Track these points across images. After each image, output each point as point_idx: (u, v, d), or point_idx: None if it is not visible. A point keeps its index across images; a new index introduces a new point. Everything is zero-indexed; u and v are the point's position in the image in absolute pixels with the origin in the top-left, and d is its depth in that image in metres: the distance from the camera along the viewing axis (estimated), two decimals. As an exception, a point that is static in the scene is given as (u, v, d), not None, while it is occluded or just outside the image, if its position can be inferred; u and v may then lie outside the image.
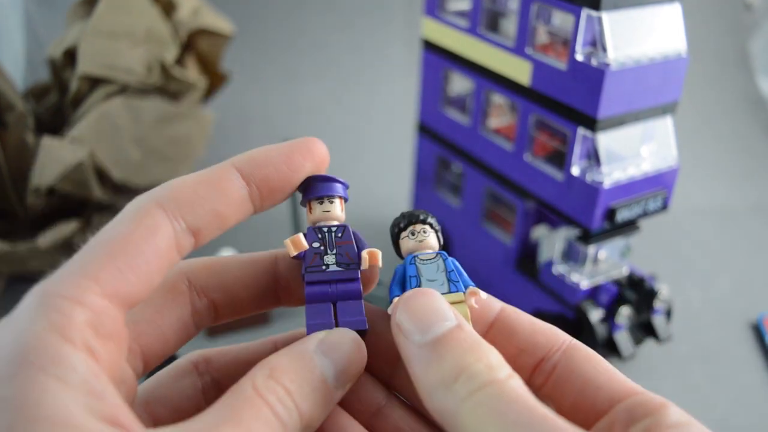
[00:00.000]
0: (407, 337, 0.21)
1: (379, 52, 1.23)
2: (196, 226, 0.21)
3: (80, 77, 0.76)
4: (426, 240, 0.26)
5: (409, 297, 0.22)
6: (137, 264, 0.19)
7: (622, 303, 0.61)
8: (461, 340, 0.21)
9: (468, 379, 0.19)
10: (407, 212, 0.27)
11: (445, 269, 0.25)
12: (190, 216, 0.21)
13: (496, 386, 0.19)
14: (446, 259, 0.25)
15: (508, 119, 0.69)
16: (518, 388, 0.19)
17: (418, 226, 0.26)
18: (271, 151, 0.23)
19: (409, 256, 0.26)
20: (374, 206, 0.92)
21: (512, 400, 0.19)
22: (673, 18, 0.57)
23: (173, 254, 0.21)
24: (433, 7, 0.69)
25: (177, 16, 0.83)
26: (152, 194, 0.21)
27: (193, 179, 0.22)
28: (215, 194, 0.21)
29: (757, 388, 0.66)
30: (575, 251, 0.62)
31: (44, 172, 0.68)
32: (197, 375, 0.25)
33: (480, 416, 0.19)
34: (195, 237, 0.21)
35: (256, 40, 1.22)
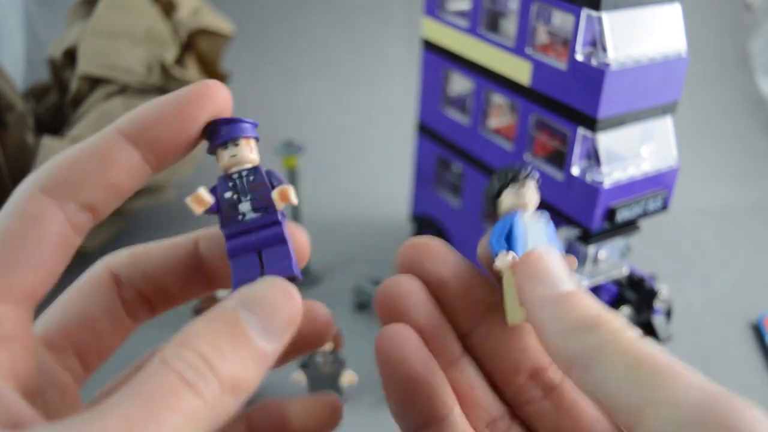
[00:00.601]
0: (538, 284, 0.22)
1: (379, 52, 1.23)
2: (89, 203, 0.20)
3: (80, 77, 0.76)
4: (532, 198, 0.25)
5: (541, 253, 0.23)
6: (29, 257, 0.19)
7: (622, 303, 0.61)
8: (591, 300, 0.22)
9: (612, 328, 0.20)
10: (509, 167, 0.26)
11: (546, 233, 0.25)
12: (80, 194, 0.20)
13: (636, 341, 0.20)
14: (549, 222, 0.25)
15: (508, 119, 0.69)
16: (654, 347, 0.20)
17: (527, 182, 0.25)
18: (158, 106, 0.21)
19: (517, 213, 0.25)
20: (374, 206, 0.92)
21: (655, 352, 0.20)
22: (673, 18, 0.57)
23: (69, 236, 0.20)
24: (433, 7, 0.69)
25: (177, 16, 0.83)
26: (35, 178, 0.20)
27: (76, 154, 0.20)
28: (103, 167, 0.20)
29: (757, 388, 0.66)
30: (575, 251, 0.62)
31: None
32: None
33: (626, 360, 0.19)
34: (91, 212, 0.20)
35: (256, 40, 1.22)
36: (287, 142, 0.71)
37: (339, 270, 0.79)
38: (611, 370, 0.19)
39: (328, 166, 1.00)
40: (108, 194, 0.20)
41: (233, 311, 0.19)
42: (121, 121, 0.21)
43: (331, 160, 1.02)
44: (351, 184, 0.97)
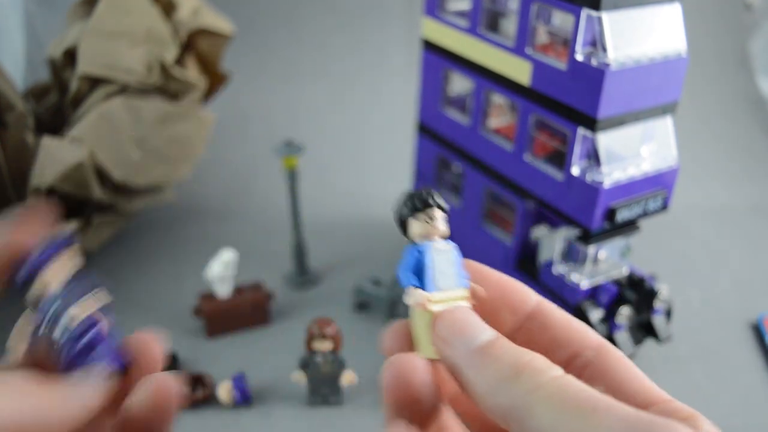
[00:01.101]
0: (453, 346, 0.22)
1: (379, 52, 1.23)
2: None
3: (80, 77, 0.76)
4: (440, 227, 0.25)
5: (448, 312, 0.23)
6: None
7: (622, 303, 0.61)
8: (509, 345, 0.22)
9: (534, 373, 0.20)
10: (419, 193, 0.25)
11: (454, 264, 0.25)
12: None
13: (562, 379, 0.20)
14: (457, 252, 0.25)
15: (508, 119, 0.69)
16: (580, 382, 0.20)
17: (434, 211, 0.25)
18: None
19: (426, 244, 0.25)
20: (374, 206, 0.92)
21: (582, 390, 0.20)
22: (673, 18, 0.57)
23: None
24: (433, 7, 0.69)
25: (177, 16, 0.83)
26: None
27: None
28: None
29: (757, 388, 0.66)
30: (575, 251, 0.62)
31: (44, 172, 0.68)
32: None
33: (554, 405, 0.19)
34: None
35: (256, 40, 1.22)
36: (287, 142, 0.71)
37: (339, 270, 0.79)
38: (541, 419, 0.19)
39: (328, 166, 1.00)
40: None
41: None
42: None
43: (331, 160, 1.02)
44: (351, 184, 0.97)
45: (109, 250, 0.82)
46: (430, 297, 0.24)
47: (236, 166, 1.00)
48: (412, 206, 0.25)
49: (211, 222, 0.88)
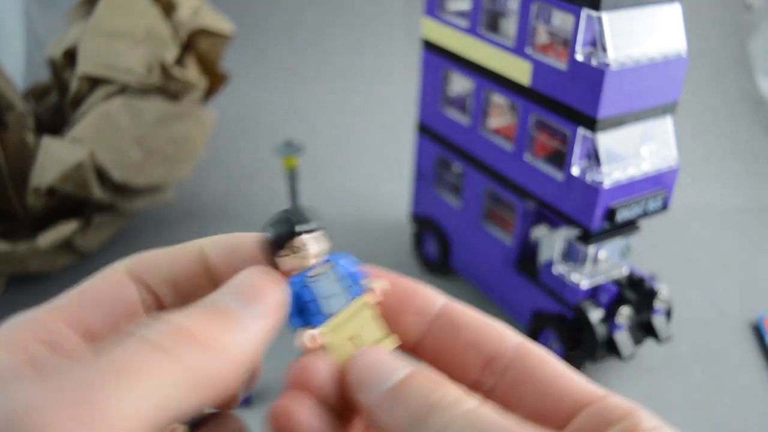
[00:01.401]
0: (365, 392, 0.21)
1: (379, 52, 1.23)
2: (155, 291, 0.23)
3: (80, 77, 0.76)
4: (309, 253, 0.22)
5: (356, 357, 0.22)
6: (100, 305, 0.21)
7: (622, 303, 0.61)
8: (422, 380, 0.21)
9: (442, 411, 0.19)
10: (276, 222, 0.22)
11: (338, 278, 0.23)
12: (150, 280, 0.23)
13: (473, 414, 0.19)
14: (336, 264, 0.23)
15: (508, 119, 0.69)
16: (493, 413, 0.19)
17: (297, 241, 0.22)
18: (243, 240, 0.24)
19: (296, 279, 0.22)
20: (374, 206, 0.92)
21: (493, 423, 0.19)
22: (673, 18, 0.57)
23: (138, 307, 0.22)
24: (433, 7, 0.69)
25: (177, 16, 0.83)
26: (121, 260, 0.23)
27: (158, 251, 0.23)
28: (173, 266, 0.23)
29: (757, 388, 0.66)
30: (575, 251, 0.62)
31: (44, 172, 0.68)
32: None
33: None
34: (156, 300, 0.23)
35: (257, 40, 1.22)
36: (287, 142, 0.71)
37: (339, 270, 0.79)
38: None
39: (328, 166, 1.00)
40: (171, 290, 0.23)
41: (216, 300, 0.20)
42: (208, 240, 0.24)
43: (331, 160, 1.02)
44: (351, 184, 0.97)
45: (109, 250, 0.82)
46: (315, 335, 0.22)
47: (236, 166, 1.00)
48: (271, 243, 0.22)
49: (211, 222, 0.88)
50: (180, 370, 0.18)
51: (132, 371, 0.17)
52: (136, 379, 0.17)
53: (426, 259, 0.80)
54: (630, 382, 0.65)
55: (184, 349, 0.18)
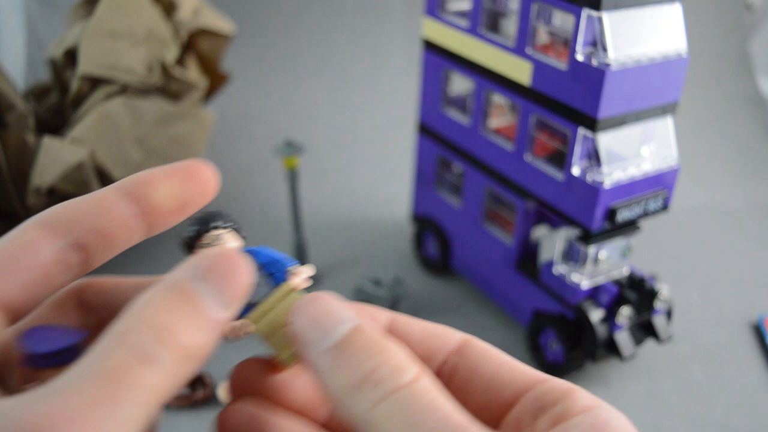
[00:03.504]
0: (307, 346, 0.21)
1: (379, 52, 1.23)
2: (80, 242, 0.21)
3: (81, 77, 0.76)
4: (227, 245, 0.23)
5: (300, 305, 0.21)
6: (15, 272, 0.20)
7: (623, 303, 0.61)
8: (363, 341, 0.20)
9: (375, 384, 0.19)
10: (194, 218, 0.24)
11: (259, 266, 0.23)
12: (73, 232, 0.21)
13: (405, 391, 0.19)
14: (255, 254, 0.23)
15: (508, 119, 0.69)
16: (428, 391, 0.19)
17: (206, 238, 0.23)
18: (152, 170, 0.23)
19: None
20: (374, 206, 0.92)
21: (424, 407, 0.19)
22: (674, 18, 0.57)
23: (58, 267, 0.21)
24: (434, 7, 0.69)
25: (177, 16, 0.83)
26: (37, 215, 0.22)
27: (77, 199, 0.22)
28: (97, 211, 0.22)
29: (757, 388, 0.66)
30: (575, 251, 0.62)
31: (45, 172, 0.68)
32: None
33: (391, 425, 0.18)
34: (82, 253, 0.22)
35: (257, 40, 1.22)
36: (287, 142, 0.71)
37: (339, 270, 0.79)
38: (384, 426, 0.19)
39: (328, 166, 1.00)
40: (97, 238, 0.22)
41: (186, 282, 0.19)
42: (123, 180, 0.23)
43: (331, 160, 1.02)
44: (351, 184, 0.97)
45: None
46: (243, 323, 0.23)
47: (236, 166, 1.00)
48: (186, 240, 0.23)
49: (211, 222, 0.88)
50: (167, 377, 0.18)
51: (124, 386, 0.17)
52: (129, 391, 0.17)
53: (426, 259, 0.80)
54: (630, 382, 0.65)
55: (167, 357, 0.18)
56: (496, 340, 0.69)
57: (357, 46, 1.23)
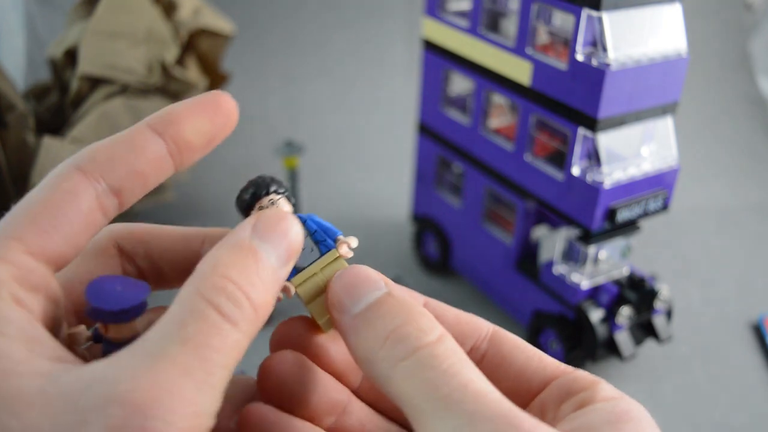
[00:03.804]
0: (341, 312, 0.22)
1: (379, 52, 1.23)
2: (117, 186, 0.21)
3: (80, 77, 0.76)
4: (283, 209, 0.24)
5: (337, 276, 0.23)
6: (59, 224, 0.20)
7: (623, 303, 0.61)
8: (392, 304, 0.21)
9: (396, 342, 0.20)
10: (247, 185, 0.24)
11: (308, 233, 0.24)
12: (109, 176, 0.21)
13: (427, 351, 0.19)
14: (305, 221, 0.24)
15: (508, 119, 0.69)
16: (451, 354, 0.19)
17: (264, 200, 0.24)
18: (179, 106, 0.23)
19: None
20: (374, 206, 0.92)
21: (444, 371, 0.19)
22: (674, 18, 0.57)
23: (97, 215, 0.21)
24: (434, 7, 0.69)
25: (177, 16, 0.83)
26: (71, 158, 0.21)
27: (110, 141, 0.22)
28: (132, 153, 0.22)
29: (757, 388, 0.66)
30: (575, 251, 0.62)
31: (45, 172, 0.68)
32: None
33: (411, 386, 0.19)
34: (117, 197, 0.22)
35: (257, 40, 1.22)
36: (287, 142, 0.71)
37: (339, 270, 0.79)
38: (405, 398, 0.19)
39: (328, 166, 1.00)
40: (134, 180, 0.22)
41: (249, 240, 0.20)
42: (150, 116, 0.23)
43: (331, 160, 1.02)
44: (351, 184, 0.97)
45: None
46: (287, 285, 0.23)
47: (236, 166, 1.00)
48: (244, 201, 0.24)
49: (211, 222, 0.88)
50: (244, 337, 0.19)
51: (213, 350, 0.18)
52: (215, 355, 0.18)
53: (426, 259, 0.80)
54: (630, 382, 0.65)
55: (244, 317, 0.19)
56: (496, 340, 0.69)
57: (357, 46, 1.23)
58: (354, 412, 0.24)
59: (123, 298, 0.21)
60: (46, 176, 0.21)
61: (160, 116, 0.23)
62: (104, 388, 0.17)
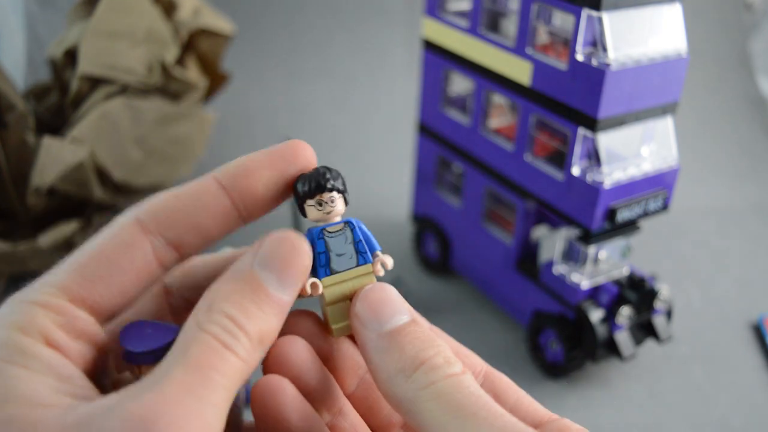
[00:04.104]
0: (366, 327, 0.23)
1: (379, 52, 1.23)
2: (177, 240, 0.22)
3: (80, 77, 0.76)
4: (334, 209, 0.24)
5: (367, 291, 0.23)
6: (108, 275, 0.21)
7: (623, 303, 0.61)
8: (419, 333, 0.22)
9: (429, 370, 0.21)
10: (312, 175, 0.24)
11: (353, 240, 0.24)
12: (169, 230, 0.22)
13: (455, 379, 0.21)
14: (354, 228, 0.25)
15: (508, 119, 0.69)
16: (473, 383, 0.21)
17: (325, 195, 0.24)
18: (252, 159, 0.23)
19: (315, 230, 0.24)
20: (374, 206, 0.92)
21: (470, 393, 0.20)
22: (674, 18, 0.57)
23: (153, 268, 0.22)
24: (434, 8, 0.69)
25: (177, 16, 0.84)
26: (132, 210, 0.22)
27: (172, 194, 0.22)
28: (193, 207, 0.22)
29: (757, 388, 0.66)
30: (575, 251, 0.62)
31: (45, 172, 0.68)
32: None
33: (439, 405, 0.20)
34: (177, 251, 0.22)
35: (257, 40, 1.22)
36: (287, 142, 0.71)
37: (339, 270, 0.79)
38: (425, 417, 0.20)
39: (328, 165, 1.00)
40: (195, 236, 0.22)
41: (251, 271, 0.21)
42: (218, 169, 0.23)
43: (331, 160, 1.02)
44: (351, 184, 0.96)
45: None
46: (317, 283, 0.24)
47: (236, 166, 1.00)
48: (304, 191, 0.24)
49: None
50: (245, 361, 0.20)
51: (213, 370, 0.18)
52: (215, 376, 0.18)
53: (426, 259, 0.80)
54: (630, 382, 0.65)
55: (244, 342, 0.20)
56: (496, 340, 0.69)
57: (357, 46, 1.23)
58: (349, 415, 0.25)
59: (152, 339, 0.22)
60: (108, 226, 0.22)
61: (231, 169, 0.23)
62: (115, 412, 0.17)
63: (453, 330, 0.80)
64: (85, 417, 0.17)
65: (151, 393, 0.18)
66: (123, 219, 0.22)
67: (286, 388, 0.22)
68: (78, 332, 0.20)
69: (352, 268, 0.24)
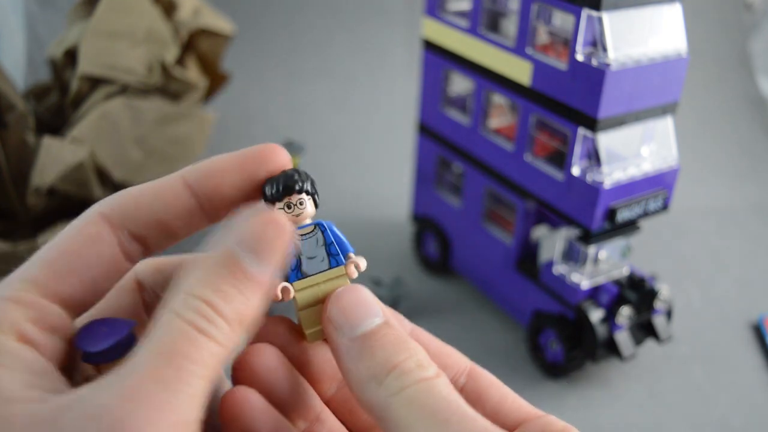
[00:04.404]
0: (338, 331, 0.22)
1: (379, 52, 1.23)
2: (140, 234, 0.22)
3: (80, 77, 0.76)
4: (303, 212, 0.24)
5: (339, 294, 0.23)
6: (77, 269, 0.21)
7: (623, 303, 0.61)
8: (391, 336, 0.22)
9: (399, 374, 0.20)
10: (280, 177, 0.23)
11: (324, 242, 0.24)
12: (133, 224, 0.22)
13: (427, 383, 0.20)
14: (325, 230, 0.24)
15: (508, 119, 0.69)
16: (446, 387, 0.21)
17: (294, 197, 0.23)
18: (221, 160, 0.23)
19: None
20: (374, 206, 0.92)
21: (442, 398, 0.20)
22: (674, 18, 0.57)
23: (119, 261, 0.22)
24: (434, 8, 0.69)
25: (177, 16, 0.84)
26: (98, 204, 0.22)
27: (137, 189, 0.22)
28: (156, 204, 0.22)
29: (757, 388, 0.66)
30: (575, 251, 0.62)
31: (45, 172, 0.68)
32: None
33: (411, 411, 0.20)
34: (141, 244, 0.22)
35: (257, 40, 1.22)
36: (287, 142, 0.71)
37: (339, 270, 0.79)
38: (398, 422, 0.20)
39: (328, 166, 1.00)
40: (159, 232, 0.22)
41: (231, 253, 0.20)
42: (187, 168, 0.23)
43: (331, 160, 1.02)
44: (351, 184, 0.97)
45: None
46: (288, 287, 0.23)
47: (236, 166, 1.00)
48: (272, 193, 0.23)
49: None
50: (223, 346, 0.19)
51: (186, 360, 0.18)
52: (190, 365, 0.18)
53: (426, 259, 0.80)
54: (630, 382, 0.65)
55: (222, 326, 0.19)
56: (496, 340, 0.69)
57: (357, 46, 1.23)
58: (327, 421, 0.24)
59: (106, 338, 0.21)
60: (72, 221, 0.22)
61: (197, 169, 0.23)
62: (82, 407, 0.17)
63: (453, 330, 0.79)
64: (53, 413, 0.17)
65: (120, 389, 0.17)
66: (88, 213, 0.22)
67: (253, 399, 0.22)
68: (50, 326, 0.20)
69: (324, 270, 0.24)
